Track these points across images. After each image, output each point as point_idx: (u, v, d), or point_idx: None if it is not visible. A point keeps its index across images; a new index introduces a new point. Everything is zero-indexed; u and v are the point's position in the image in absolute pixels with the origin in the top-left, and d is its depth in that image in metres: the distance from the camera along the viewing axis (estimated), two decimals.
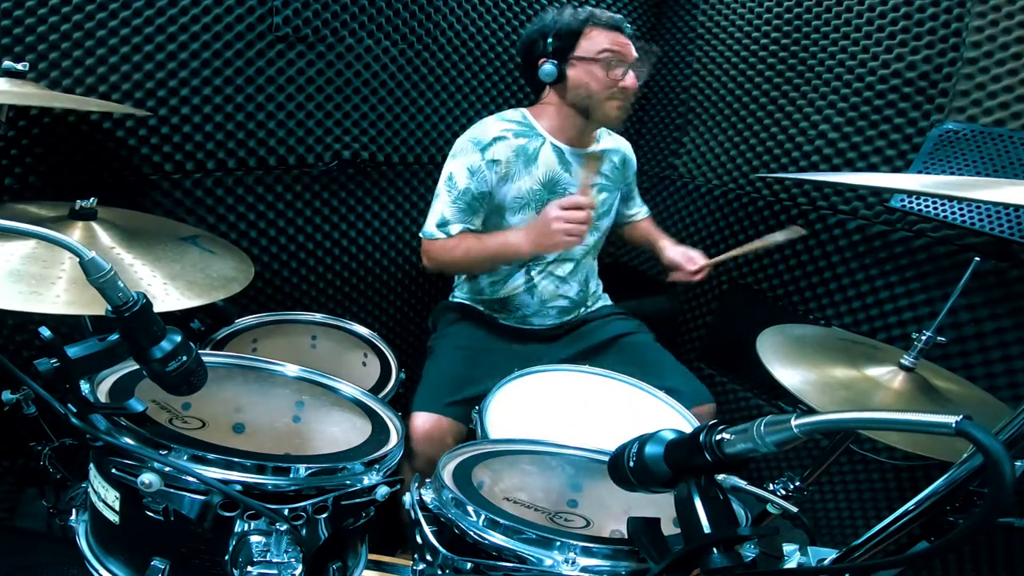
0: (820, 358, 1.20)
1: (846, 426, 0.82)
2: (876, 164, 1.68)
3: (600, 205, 1.66)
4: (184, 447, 0.78)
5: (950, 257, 1.54)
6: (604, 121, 1.55)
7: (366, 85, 1.77)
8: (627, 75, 1.48)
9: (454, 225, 1.50)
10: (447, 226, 1.50)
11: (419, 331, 2.17)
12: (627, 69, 1.48)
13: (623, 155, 1.73)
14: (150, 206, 1.59)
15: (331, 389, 1.12)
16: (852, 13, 1.69)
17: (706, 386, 1.52)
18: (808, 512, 1.88)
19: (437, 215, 1.52)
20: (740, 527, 0.64)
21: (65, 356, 0.71)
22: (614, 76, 1.47)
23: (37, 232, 0.65)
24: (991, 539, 1.46)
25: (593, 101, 1.50)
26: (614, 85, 1.47)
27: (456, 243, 1.50)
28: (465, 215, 1.51)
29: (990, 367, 1.47)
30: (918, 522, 0.66)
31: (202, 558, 0.79)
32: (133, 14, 1.43)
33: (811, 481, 1.32)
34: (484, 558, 0.78)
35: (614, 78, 1.47)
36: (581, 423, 1.28)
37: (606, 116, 1.52)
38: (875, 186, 1.52)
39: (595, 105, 1.50)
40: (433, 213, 1.53)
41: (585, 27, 1.49)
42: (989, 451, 0.46)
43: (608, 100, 1.49)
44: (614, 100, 1.49)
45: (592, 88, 1.49)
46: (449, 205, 1.51)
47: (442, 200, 1.52)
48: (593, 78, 1.48)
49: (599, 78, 1.48)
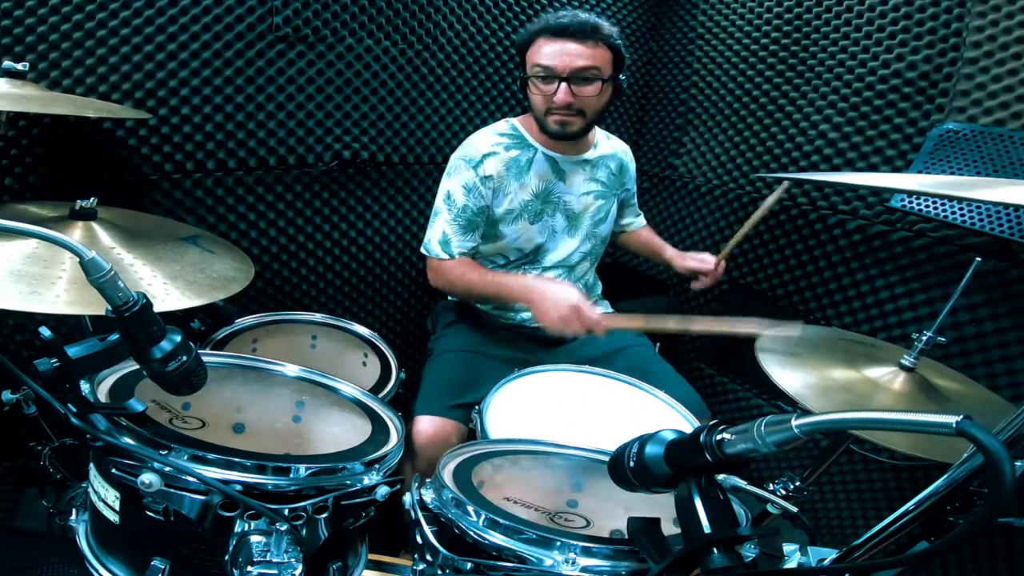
0: (820, 359, 1.20)
1: (846, 426, 0.81)
2: (876, 164, 1.68)
3: (597, 212, 1.65)
4: (184, 447, 0.78)
5: (950, 257, 1.54)
6: (550, 135, 1.52)
7: (366, 85, 1.77)
8: (559, 90, 1.41)
9: (457, 245, 1.51)
10: (450, 245, 1.51)
11: (419, 331, 2.17)
12: (559, 83, 1.41)
13: (620, 161, 1.70)
14: (150, 206, 1.59)
15: (331, 389, 1.12)
16: (852, 13, 1.69)
17: (706, 385, 1.52)
18: (808, 512, 1.88)
19: (439, 233, 1.52)
20: (740, 527, 0.64)
21: (65, 356, 0.71)
22: (544, 91, 1.44)
23: (37, 232, 0.65)
24: (991, 539, 1.46)
25: (538, 115, 1.49)
26: (550, 100, 1.43)
27: (461, 272, 1.50)
28: (466, 232, 1.51)
29: (990, 367, 1.48)
30: (918, 522, 0.66)
31: (202, 558, 0.79)
32: (133, 14, 1.43)
33: (811, 481, 1.32)
34: (484, 558, 0.78)
35: (544, 93, 1.44)
36: (581, 423, 1.28)
37: (548, 130, 1.49)
38: (875, 186, 1.52)
39: (539, 119, 1.49)
40: (435, 230, 1.53)
41: (535, 38, 1.44)
42: (989, 451, 0.46)
43: (547, 115, 1.47)
44: (552, 115, 1.46)
45: (534, 103, 1.48)
46: (450, 223, 1.51)
47: (443, 218, 1.52)
48: (532, 93, 1.47)
49: (535, 93, 1.46)
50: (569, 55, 1.40)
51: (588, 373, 1.43)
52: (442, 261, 1.52)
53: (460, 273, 1.51)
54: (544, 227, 1.59)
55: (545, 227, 1.59)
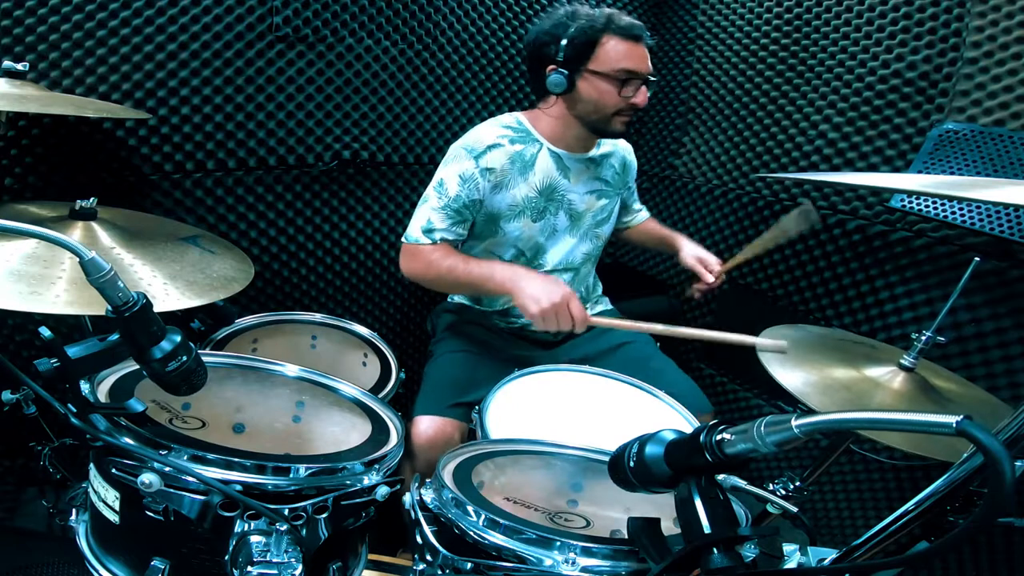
0: (820, 358, 1.20)
1: (846, 426, 0.81)
2: (876, 164, 1.68)
3: (600, 211, 1.63)
4: (184, 447, 0.78)
5: (950, 257, 1.54)
6: (607, 135, 1.51)
7: (366, 85, 1.77)
8: (639, 92, 1.41)
9: (440, 232, 1.44)
10: (433, 232, 1.44)
11: (419, 331, 2.17)
12: (640, 85, 1.41)
13: (623, 159, 1.69)
14: (150, 206, 1.59)
15: (331, 389, 1.12)
16: (852, 13, 1.69)
17: (707, 385, 1.52)
18: (808, 512, 1.88)
19: (423, 220, 1.45)
20: (740, 527, 0.64)
21: (65, 356, 0.71)
22: (626, 93, 1.41)
23: (37, 232, 0.65)
24: (991, 539, 1.46)
25: (600, 116, 1.45)
26: (625, 102, 1.41)
27: (440, 256, 1.42)
28: (453, 222, 1.44)
29: (990, 367, 1.47)
30: (918, 522, 0.66)
31: (202, 558, 0.79)
32: (133, 14, 1.43)
33: (811, 481, 1.32)
34: (484, 558, 0.78)
35: (626, 95, 1.41)
36: (581, 423, 1.28)
37: (611, 130, 1.47)
38: (875, 186, 1.51)
39: (601, 119, 1.45)
40: (418, 218, 1.46)
41: (602, 36, 1.38)
42: (989, 451, 0.46)
43: (616, 115, 1.44)
44: (622, 116, 1.44)
45: (603, 103, 1.42)
46: (437, 211, 1.44)
47: (430, 205, 1.45)
48: (605, 94, 1.41)
49: (611, 94, 1.41)
50: (646, 59, 1.41)
51: (588, 373, 1.43)
52: (420, 245, 1.44)
53: (438, 257, 1.42)
54: (546, 225, 1.55)
55: (547, 226, 1.56)
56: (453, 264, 1.41)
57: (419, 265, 1.46)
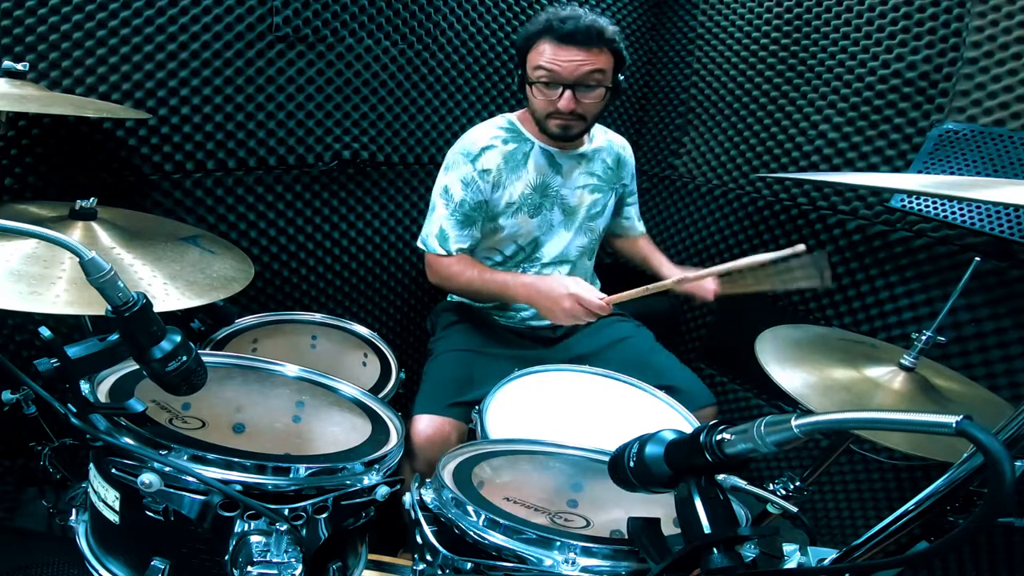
0: (820, 359, 1.20)
1: (846, 426, 0.81)
2: (876, 164, 1.68)
3: (593, 206, 1.65)
4: (184, 447, 0.78)
5: (950, 257, 1.54)
6: (552, 136, 1.52)
7: (366, 85, 1.77)
8: (563, 96, 1.41)
9: (454, 240, 1.51)
10: (448, 240, 1.51)
11: (419, 331, 2.17)
12: (563, 89, 1.40)
13: (617, 154, 1.70)
14: (150, 206, 1.59)
15: (331, 389, 1.12)
16: (852, 13, 1.69)
17: (706, 385, 1.51)
18: (808, 512, 1.88)
19: (436, 228, 1.52)
20: (740, 527, 0.64)
21: (65, 356, 0.71)
22: (547, 96, 1.43)
23: (37, 232, 0.65)
24: (991, 539, 1.46)
25: (538, 118, 1.50)
26: (552, 106, 1.44)
27: (460, 269, 1.51)
28: (464, 227, 1.52)
29: (990, 367, 1.47)
30: (918, 522, 0.66)
31: (202, 558, 0.79)
32: (133, 14, 1.43)
33: (811, 481, 1.32)
34: (484, 558, 0.78)
35: (547, 98, 1.43)
36: (581, 423, 1.28)
37: (549, 132, 1.50)
38: (875, 186, 1.51)
39: (540, 122, 1.50)
40: (432, 226, 1.54)
41: (536, 40, 1.42)
42: (989, 451, 0.46)
43: (548, 118, 1.47)
44: (553, 119, 1.46)
45: (534, 106, 1.48)
46: (447, 218, 1.51)
47: (440, 213, 1.52)
48: (533, 97, 1.47)
49: (537, 97, 1.45)
50: (574, 62, 1.38)
51: (588, 373, 1.43)
52: (440, 257, 1.53)
53: (459, 270, 1.51)
54: (543, 221, 1.59)
55: (544, 221, 1.59)
56: (471, 277, 1.50)
57: (440, 278, 1.57)
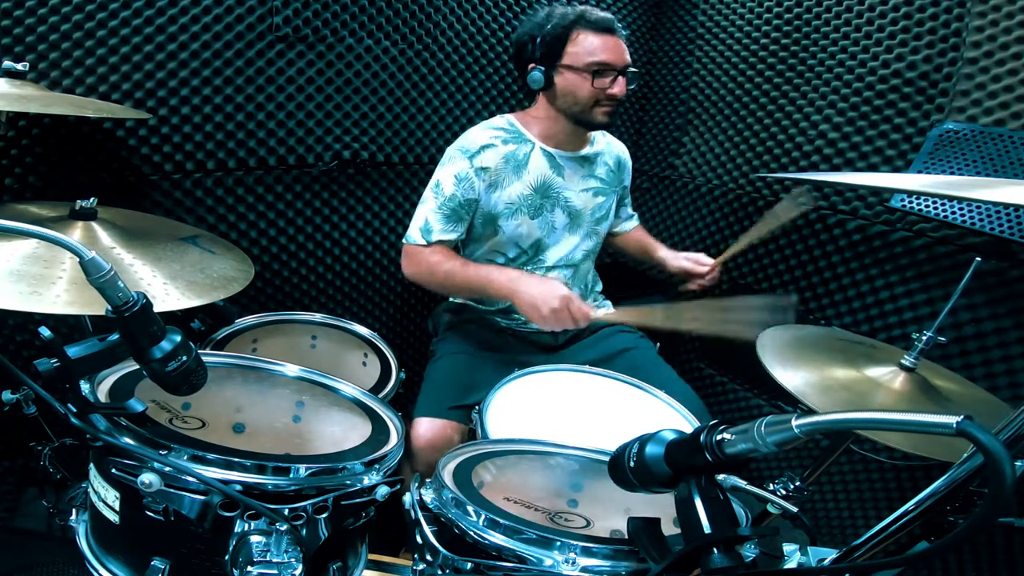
0: (820, 358, 1.20)
1: (846, 426, 0.82)
2: (876, 164, 1.68)
3: (598, 209, 1.65)
4: (184, 447, 0.78)
5: (950, 257, 1.54)
6: (591, 127, 1.54)
7: (366, 85, 1.77)
8: (616, 82, 1.45)
9: (438, 232, 1.48)
10: (431, 232, 1.49)
11: (419, 331, 2.17)
12: (616, 76, 1.45)
13: (618, 158, 1.71)
14: (150, 206, 1.59)
15: (331, 389, 1.12)
16: (852, 13, 1.69)
17: (706, 385, 1.52)
18: (808, 512, 1.88)
19: (421, 220, 1.50)
20: (740, 527, 0.64)
21: (65, 356, 0.71)
22: (601, 84, 1.44)
23: (37, 232, 0.65)
24: (991, 539, 1.46)
25: (580, 108, 1.49)
26: (602, 93, 1.45)
27: (439, 260, 1.48)
28: (449, 222, 1.49)
29: (990, 367, 1.47)
30: (918, 522, 0.66)
31: (202, 558, 0.79)
32: (133, 14, 1.43)
33: (811, 481, 1.32)
34: (484, 558, 0.78)
35: (601, 87, 1.45)
36: (581, 423, 1.28)
37: (593, 122, 1.51)
38: (875, 186, 1.51)
39: (582, 112, 1.49)
40: (417, 219, 1.52)
41: (572, 31, 1.44)
42: (989, 451, 0.46)
43: (595, 107, 1.48)
44: (601, 107, 1.48)
45: (579, 96, 1.47)
46: (434, 211, 1.49)
47: (428, 206, 1.50)
48: (581, 87, 1.46)
49: (587, 87, 1.45)
50: (620, 50, 1.46)
51: (588, 373, 1.43)
52: (419, 247, 1.50)
53: (438, 260, 1.48)
54: (544, 222, 1.57)
55: (545, 222, 1.58)
56: (451, 269, 1.47)
57: (418, 268, 1.52)
